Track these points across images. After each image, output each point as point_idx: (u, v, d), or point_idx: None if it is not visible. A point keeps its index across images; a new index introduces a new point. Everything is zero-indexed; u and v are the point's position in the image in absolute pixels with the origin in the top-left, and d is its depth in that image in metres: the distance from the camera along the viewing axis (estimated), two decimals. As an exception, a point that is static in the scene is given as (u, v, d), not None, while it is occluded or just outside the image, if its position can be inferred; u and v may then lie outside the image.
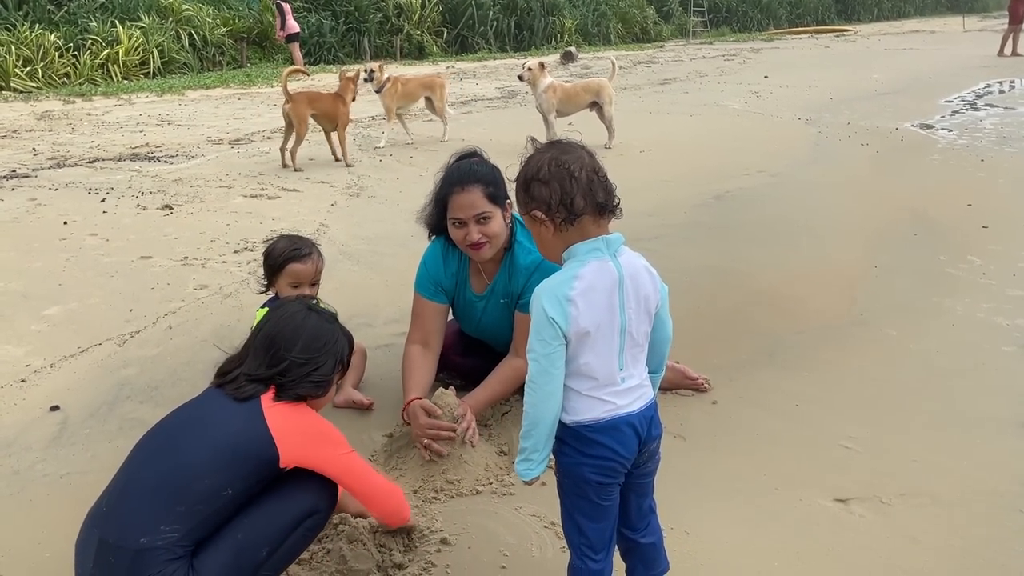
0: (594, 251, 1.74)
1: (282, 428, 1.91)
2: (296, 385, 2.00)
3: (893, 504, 2.51)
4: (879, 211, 6.07)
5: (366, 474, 2.08)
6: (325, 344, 2.07)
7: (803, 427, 2.97)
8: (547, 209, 1.74)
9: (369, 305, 4.19)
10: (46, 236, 5.31)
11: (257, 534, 1.89)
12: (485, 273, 2.96)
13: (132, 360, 3.57)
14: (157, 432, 1.99)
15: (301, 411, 2.00)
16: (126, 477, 1.91)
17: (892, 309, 4.13)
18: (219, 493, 1.83)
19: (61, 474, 2.70)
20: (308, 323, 2.08)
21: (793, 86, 14.29)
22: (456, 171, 2.82)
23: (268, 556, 1.90)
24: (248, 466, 1.87)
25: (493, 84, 15.85)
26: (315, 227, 5.70)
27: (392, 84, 8.87)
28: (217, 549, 1.84)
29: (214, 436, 1.89)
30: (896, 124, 10.03)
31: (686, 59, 21.56)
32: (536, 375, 1.73)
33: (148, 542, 1.75)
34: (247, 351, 2.07)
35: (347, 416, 3.07)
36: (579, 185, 1.72)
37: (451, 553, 2.29)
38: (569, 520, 1.85)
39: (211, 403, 2.01)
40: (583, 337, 1.71)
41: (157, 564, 1.75)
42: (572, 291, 1.70)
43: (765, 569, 2.22)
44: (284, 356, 2.00)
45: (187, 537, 1.79)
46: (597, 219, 1.75)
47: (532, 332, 1.73)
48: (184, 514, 1.79)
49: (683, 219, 5.83)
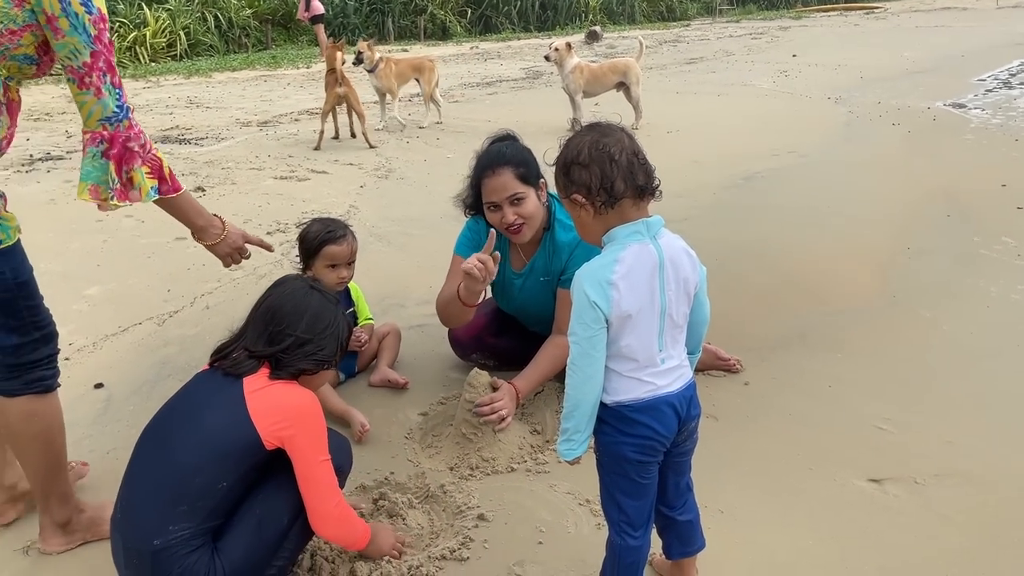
0: (634, 234, 1.74)
1: (261, 408, 1.86)
2: (297, 361, 1.97)
3: (927, 484, 2.51)
4: (911, 192, 6.00)
5: (321, 488, 1.92)
6: (328, 324, 2.04)
7: (836, 408, 2.98)
8: (587, 193, 1.74)
9: (400, 287, 4.24)
10: (83, 218, 5.41)
11: (276, 503, 1.91)
12: (524, 253, 2.98)
13: (172, 339, 3.65)
14: (151, 432, 1.97)
15: (291, 391, 1.94)
16: (130, 483, 1.91)
17: (925, 290, 4.11)
18: (215, 487, 1.82)
19: (107, 449, 2.77)
20: (311, 300, 2.04)
21: (822, 65, 14.11)
22: (485, 156, 2.84)
23: (291, 523, 1.93)
24: (234, 458, 1.84)
25: (518, 64, 15.81)
26: (345, 209, 5.76)
27: (385, 64, 8.75)
28: (238, 528, 1.86)
29: (199, 432, 1.86)
30: (928, 103, 9.89)
31: (712, 38, 21.35)
32: (577, 357, 1.75)
33: (162, 543, 1.77)
34: (247, 326, 2.04)
35: (383, 395, 3.13)
36: (619, 168, 1.71)
37: (488, 528, 2.34)
38: (608, 498, 1.88)
39: (198, 393, 1.97)
40: (624, 320, 1.72)
41: (178, 559, 1.78)
42: (614, 275, 1.71)
43: (799, 548, 2.24)
44: (287, 332, 1.97)
45: (199, 530, 1.81)
46: (637, 202, 1.75)
47: (573, 315, 1.74)
48: (188, 512, 1.80)
49: (712, 200, 5.81)
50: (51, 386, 2.13)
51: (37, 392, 2.08)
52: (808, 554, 2.22)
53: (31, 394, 2.08)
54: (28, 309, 2.02)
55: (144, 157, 2.04)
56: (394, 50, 18.54)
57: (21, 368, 2.05)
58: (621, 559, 1.87)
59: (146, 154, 2.05)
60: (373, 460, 2.69)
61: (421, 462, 2.70)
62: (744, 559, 2.20)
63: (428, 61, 9.31)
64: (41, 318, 2.06)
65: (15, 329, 2.00)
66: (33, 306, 2.03)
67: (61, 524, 2.25)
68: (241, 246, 2.44)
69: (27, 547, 2.28)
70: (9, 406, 2.08)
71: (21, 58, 1.91)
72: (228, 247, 2.40)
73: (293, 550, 2.00)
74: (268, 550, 1.90)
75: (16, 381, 2.06)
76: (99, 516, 2.29)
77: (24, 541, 2.30)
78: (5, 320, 1.97)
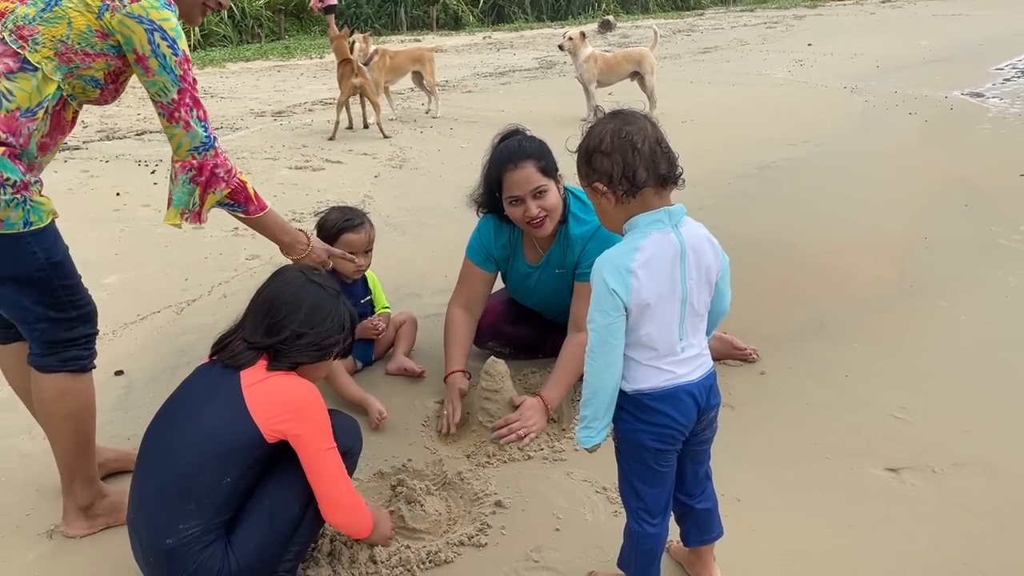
0: (656, 223, 1.73)
1: (260, 402, 1.86)
2: (296, 353, 1.96)
3: (945, 474, 2.51)
4: (928, 182, 5.97)
5: (329, 477, 1.92)
6: (327, 316, 2.01)
7: (853, 397, 2.98)
8: (609, 181, 1.73)
9: (416, 276, 4.25)
10: (100, 207, 5.46)
11: (286, 493, 1.92)
12: (538, 245, 2.98)
13: (190, 327, 3.68)
14: (154, 431, 1.97)
15: (289, 383, 1.93)
16: (138, 484, 1.91)
17: (943, 280, 4.09)
18: (219, 483, 1.82)
19: (128, 435, 2.80)
20: (309, 291, 2.02)
21: (838, 54, 14.01)
22: (506, 150, 2.82)
23: (303, 511, 1.94)
24: (236, 453, 1.84)
25: (531, 54, 15.77)
26: (360, 198, 5.78)
27: (380, 57, 8.65)
28: (249, 521, 1.87)
29: (199, 430, 1.85)
30: (945, 92, 9.81)
31: (727, 27, 21.22)
32: (596, 345, 1.74)
33: (174, 542, 1.79)
34: (245, 317, 2.05)
35: (399, 384, 3.14)
36: (641, 157, 1.70)
37: (506, 515, 2.35)
38: (627, 485, 1.88)
39: (196, 389, 1.97)
40: (644, 308, 1.72)
41: (192, 556, 1.79)
42: (633, 263, 1.70)
43: (816, 536, 2.25)
44: (284, 324, 1.95)
45: (210, 525, 1.82)
46: (659, 190, 1.73)
47: (592, 303, 1.74)
48: (196, 510, 1.81)
49: (727, 190, 5.79)
50: (86, 366, 2.17)
51: (72, 371, 2.13)
52: (824, 542, 2.22)
53: (65, 372, 2.12)
54: (64, 288, 2.06)
55: (228, 182, 2.20)
56: (406, 40, 18.56)
57: (57, 345, 2.10)
58: (639, 546, 1.88)
59: (231, 179, 2.20)
60: (391, 447, 2.71)
61: (438, 449, 2.72)
62: (761, 547, 2.20)
63: (427, 52, 9.25)
64: (78, 297, 2.11)
65: (51, 306, 2.04)
66: (69, 285, 2.08)
67: (84, 507, 2.28)
68: (325, 260, 2.60)
69: (51, 531, 2.32)
70: (44, 382, 2.13)
71: (88, 79, 2.01)
72: (313, 261, 2.51)
73: (307, 537, 2.02)
74: (281, 540, 1.91)
75: (52, 358, 2.10)
76: (121, 501, 2.32)
77: (48, 525, 2.34)
78: (41, 298, 2.02)
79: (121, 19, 1.93)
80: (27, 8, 1.91)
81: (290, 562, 1.97)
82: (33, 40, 1.90)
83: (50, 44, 1.92)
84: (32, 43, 1.91)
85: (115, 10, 1.93)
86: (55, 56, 1.94)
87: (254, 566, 1.86)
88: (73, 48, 1.95)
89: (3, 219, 1.89)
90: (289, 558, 1.96)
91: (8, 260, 1.95)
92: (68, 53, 1.95)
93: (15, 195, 1.89)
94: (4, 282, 1.98)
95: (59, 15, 1.91)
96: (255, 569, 1.87)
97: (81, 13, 1.92)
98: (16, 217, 1.91)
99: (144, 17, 1.94)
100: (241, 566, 1.83)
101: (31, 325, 2.06)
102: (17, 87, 1.89)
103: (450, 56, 15.61)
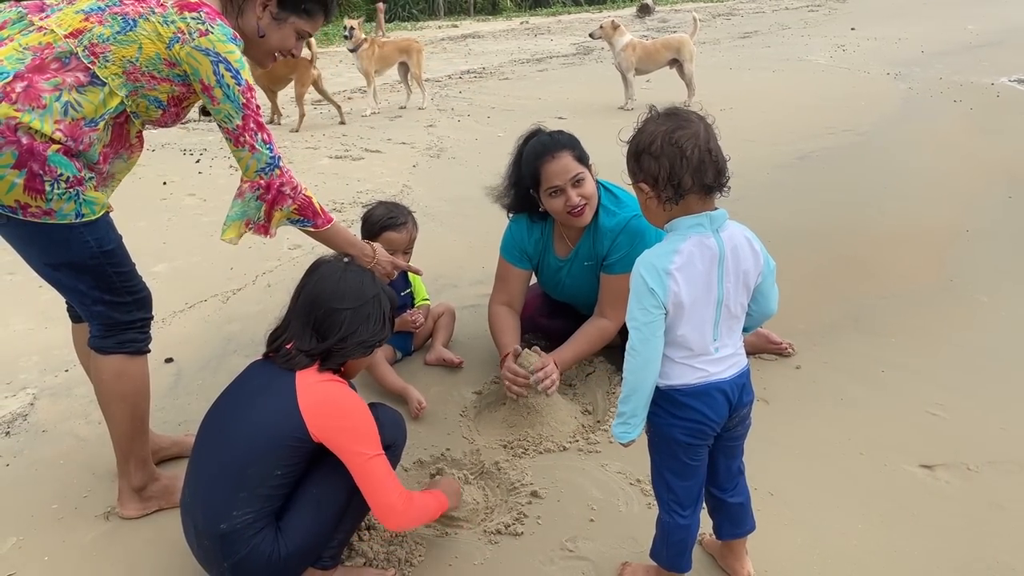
0: (696, 226, 1.76)
1: (311, 405, 1.91)
2: (348, 352, 2.02)
3: (981, 471, 2.51)
4: (972, 172, 5.87)
5: (377, 482, 1.95)
6: (371, 311, 2.05)
7: (889, 393, 2.98)
8: (654, 183, 1.75)
9: (454, 267, 4.31)
10: (148, 196, 5.60)
11: (333, 483, 1.99)
12: (568, 238, 3.03)
13: (236, 316, 3.79)
14: (211, 420, 2.05)
15: (336, 393, 1.97)
16: (194, 470, 2.00)
17: (984, 274, 4.05)
18: (271, 474, 1.89)
19: (179, 422, 2.91)
20: (349, 284, 2.06)
21: (881, 39, 13.75)
22: (539, 143, 2.86)
23: (348, 500, 2.01)
24: (285, 448, 1.90)
25: (568, 40, 15.70)
26: (398, 188, 5.85)
27: (369, 45, 8.59)
28: (298, 509, 1.96)
29: (253, 423, 1.92)
30: (992, 79, 9.59)
31: (768, 11, 20.89)
32: (637, 343, 1.77)
33: (228, 527, 1.87)
34: (290, 318, 2.08)
35: (438, 373, 3.21)
36: (689, 165, 1.71)
37: (541, 505, 2.42)
38: (659, 477, 1.93)
39: (252, 384, 2.04)
40: (679, 310, 1.76)
41: (244, 541, 1.88)
42: (671, 265, 1.74)
43: (849, 531, 2.27)
44: (330, 326, 1.99)
45: (261, 513, 1.89)
46: (704, 197, 1.75)
47: (632, 301, 1.78)
48: (248, 498, 1.88)
49: (766, 179, 5.76)
50: (141, 349, 2.28)
51: (128, 352, 2.25)
52: (857, 538, 2.25)
53: (123, 354, 2.24)
54: (118, 275, 2.17)
55: (295, 199, 2.28)
56: (444, 26, 18.57)
57: (115, 328, 2.22)
58: (670, 536, 1.93)
59: (296, 195, 2.28)
60: (430, 436, 2.78)
61: (476, 439, 2.79)
62: (793, 541, 2.24)
63: (416, 43, 9.10)
64: (133, 283, 2.22)
65: (107, 291, 2.16)
66: (124, 272, 2.19)
67: (137, 489, 2.40)
68: (391, 272, 2.64)
69: (107, 512, 2.43)
70: (103, 363, 2.25)
71: (152, 99, 2.12)
72: (378, 273, 2.52)
73: (351, 526, 2.10)
74: (327, 527, 2.00)
75: (110, 340, 2.23)
76: (173, 485, 2.43)
77: (105, 507, 2.45)
78: (96, 283, 2.14)
79: (190, 51, 2.04)
80: (104, 28, 2.01)
81: (334, 548, 2.06)
82: (104, 57, 2.01)
83: (119, 63, 2.02)
84: (103, 60, 2.01)
85: (184, 42, 2.03)
86: (123, 74, 2.04)
87: (302, 550, 1.94)
88: (141, 70, 2.05)
89: (56, 210, 2.01)
90: (333, 545, 2.05)
91: (63, 247, 2.08)
92: (135, 73, 2.05)
93: (68, 189, 2.01)
94: (60, 268, 2.12)
95: (132, 39, 2.02)
96: (303, 553, 1.95)
97: (152, 41, 2.03)
98: (68, 208, 2.02)
99: (211, 50, 2.04)
100: (290, 551, 1.91)
101: (89, 308, 2.19)
102: (85, 99, 2.00)
103: (487, 42, 15.61)
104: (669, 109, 1.82)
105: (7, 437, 2.85)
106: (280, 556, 1.91)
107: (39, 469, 2.67)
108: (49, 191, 1.98)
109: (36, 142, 1.93)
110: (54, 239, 2.05)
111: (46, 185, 1.97)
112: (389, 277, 2.62)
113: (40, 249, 2.10)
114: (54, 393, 3.12)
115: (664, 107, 1.84)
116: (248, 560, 1.89)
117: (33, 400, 3.08)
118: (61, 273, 2.13)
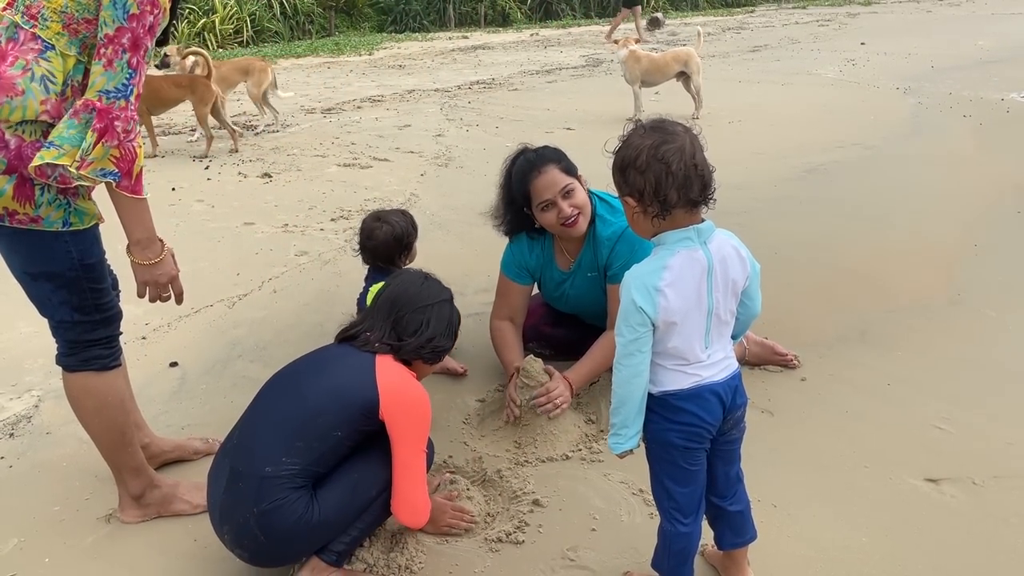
0: (684, 240, 1.76)
1: (388, 386, 2.04)
2: (417, 352, 2.16)
3: (986, 486, 2.49)
4: (981, 187, 5.85)
5: (416, 477, 2.09)
6: (446, 320, 2.25)
7: (894, 406, 2.96)
8: (640, 198, 1.75)
9: (460, 275, 4.30)
10: (157, 201, 5.54)
11: (371, 475, 2.07)
12: (568, 252, 3.04)
13: (241, 321, 3.80)
14: (284, 374, 2.18)
15: (412, 382, 2.12)
16: (255, 412, 2.11)
17: (991, 289, 4.03)
18: (331, 433, 1.99)
19: (183, 425, 2.92)
20: (429, 292, 2.25)
21: (891, 53, 13.74)
22: (525, 161, 2.90)
23: (376, 496, 2.08)
24: (353, 411, 2.00)
25: (578, 52, 15.74)
26: (406, 197, 5.87)
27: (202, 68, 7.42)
28: (336, 485, 2.02)
29: (330, 380, 2.06)
30: (1002, 95, 9.57)
31: (778, 24, 20.92)
32: (623, 357, 1.79)
33: (272, 471, 1.94)
34: (368, 315, 2.24)
35: (441, 382, 3.21)
36: (675, 180, 1.70)
37: (543, 513, 2.41)
38: (658, 485, 1.93)
39: (334, 352, 2.19)
40: (670, 325, 1.77)
41: (280, 491, 1.93)
42: (661, 282, 1.74)
43: (852, 544, 2.25)
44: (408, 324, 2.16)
45: (305, 470, 1.97)
46: (690, 210, 1.75)
47: (620, 317, 1.79)
48: (303, 449, 1.96)
49: (773, 193, 5.75)
50: (107, 365, 2.22)
51: (94, 369, 2.20)
52: (860, 551, 2.23)
53: (88, 371, 2.20)
54: (92, 291, 2.12)
55: (122, 143, 1.93)
56: (455, 36, 18.65)
57: (77, 345, 2.18)
58: (671, 545, 1.93)
59: (125, 140, 1.94)
60: (432, 444, 2.77)
61: (478, 447, 2.78)
62: (796, 553, 2.22)
63: (259, 62, 8.45)
64: (104, 302, 2.17)
65: (77, 308, 2.12)
66: (98, 289, 2.14)
67: (135, 496, 2.39)
68: (166, 283, 2.19)
69: (109, 515, 2.43)
70: (69, 381, 2.23)
71: None
72: (153, 275, 2.15)
73: (368, 525, 2.13)
74: (352, 513, 2.05)
75: (74, 358, 2.19)
76: (172, 493, 2.42)
77: (106, 509, 2.45)
78: (68, 297, 2.10)
79: None
80: None
81: (344, 544, 2.08)
82: (41, 17, 1.89)
83: (56, 18, 1.89)
84: (41, 20, 1.89)
85: None
86: (64, 30, 1.90)
87: (328, 523, 2.00)
88: (75, 17, 1.90)
89: (44, 217, 1.97)
90: (345, 539, 2.07)
91: (45, 255, 2.03)
92: (73, 24, 1.90)
93: (59, 196, 1.97)
94: (38, 277, 2.07)
95: None
96: (328, 526, 2.01)
97: None
98: (56, 216, 1.98)
99: None
100: (320, 519, 1.97)
101: (56, 323, 2.15)
102: (52, 67, 1.89)
103: (497, 53, 15.66)
104: (654, 121, 1.80)
105: (11, 439, 2.86)
106: (310, 520, 1.96)
107: (42, 471, 2.68)
108: (39, 197, 1.94)
109: (24, 143, 1.88)
110: (37, 247, 2.02)
111: (36, 190, 1.93)
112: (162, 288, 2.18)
113: (23, 256, 2.05)
114: (59, 396, 3.11)
115: (649, 119, 1.83)
116: (278, 511, 1.93)
117: (38, 402, 3.09)
118: (39, 283, 2.08)
